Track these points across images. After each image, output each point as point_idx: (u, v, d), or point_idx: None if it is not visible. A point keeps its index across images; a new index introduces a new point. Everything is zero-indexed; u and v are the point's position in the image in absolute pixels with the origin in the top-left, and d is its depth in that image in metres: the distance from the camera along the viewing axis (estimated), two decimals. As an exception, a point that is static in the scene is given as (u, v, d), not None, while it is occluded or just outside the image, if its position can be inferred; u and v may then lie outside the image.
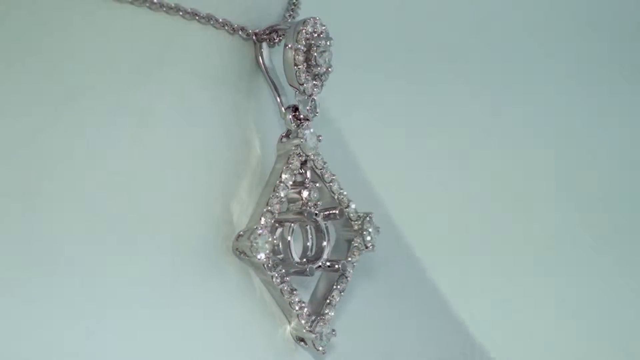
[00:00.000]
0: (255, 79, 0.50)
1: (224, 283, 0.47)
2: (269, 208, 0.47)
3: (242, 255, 0.47)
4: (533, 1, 0.74)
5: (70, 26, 0.45)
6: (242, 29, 0.49)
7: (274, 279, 0.47)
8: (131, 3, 0.46)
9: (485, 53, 0.71)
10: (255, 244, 0.46)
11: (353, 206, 0.51)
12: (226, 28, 0.48)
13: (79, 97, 0.44)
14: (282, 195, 0.48)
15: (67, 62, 0.44)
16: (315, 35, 0.48)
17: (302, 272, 0.49)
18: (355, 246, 0.51)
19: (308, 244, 0.50)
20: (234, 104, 0.49)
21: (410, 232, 0.63)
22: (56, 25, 0.45)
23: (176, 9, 0.47)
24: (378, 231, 0.51)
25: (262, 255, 0.46)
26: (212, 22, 0.48)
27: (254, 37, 0.49)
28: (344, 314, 0.52)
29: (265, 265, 0.47)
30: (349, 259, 0.50)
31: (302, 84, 0.48)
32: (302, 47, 0.48)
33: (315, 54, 0.48)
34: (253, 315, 0.48)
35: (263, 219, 0.47)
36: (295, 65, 0.48)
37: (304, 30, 0.48)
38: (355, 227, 0.51)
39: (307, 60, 0.48)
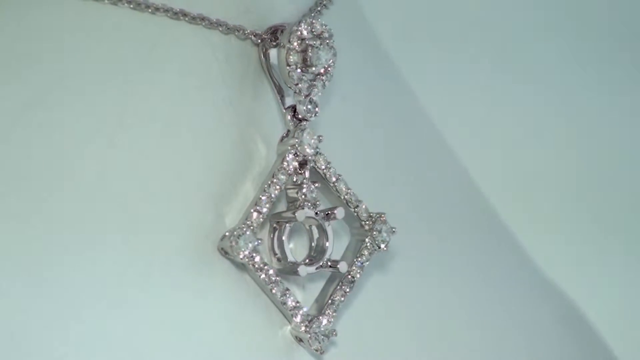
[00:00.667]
0: (260, 79, 0.50)
1: (223, 283, 0.47)
2: (257, 207, 0.47)
3: (226, 255, 0.48)
4: None
5: (46, 26, 0.46)
6: (238, 29, 0.48)
7: (262, 279, 0.48)
8: (113, 4, 0.46)
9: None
10: (235, 244, 0.46)
11: (363, 206, 0.50)
12: (220, 28, 0.48)
13: (54, 99, 0.45)
14: (274, 194, 0.48)
15: (44, 63, 0.45)
16: (315, 35, 0.48)
17: (296, 273, 0.49)
18: (365, 246, 0.50)
19: (313, 244, 0.50)
20: (232, 104, 0.49)
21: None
22: (33, 25, 0.46)
23: (163, 9, 0.47)
24: (393, 231, 0.50)
25: (242, 255, 0.46)
26: (203, 23, 0.48)
27: (252, 37, 0.49)
28: (348, 314, 0.51)
29: (252, 265, 0.47)
30: (356, 259, 0.50)
31: (297, 84, 0.48)
32: (297, 48, 0.48)
33: (311, 54, 0.48)
34: (252, 315, 0.48)
35: (249, 218, 0.47)
36: (288, 65, 0.48)
37: (298, 31, 0.48)
38: (366, 228, 0.50)
39: (304, 60, 0.48)
